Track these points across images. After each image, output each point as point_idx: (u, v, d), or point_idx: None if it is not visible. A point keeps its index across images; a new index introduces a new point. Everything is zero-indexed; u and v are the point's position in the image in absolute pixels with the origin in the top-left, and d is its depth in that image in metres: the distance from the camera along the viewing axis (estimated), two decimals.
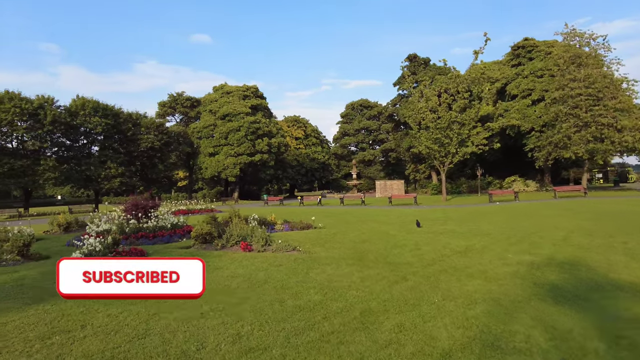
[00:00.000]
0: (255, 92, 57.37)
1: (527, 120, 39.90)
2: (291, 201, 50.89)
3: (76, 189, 50.03)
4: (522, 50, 45.20)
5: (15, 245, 10.57)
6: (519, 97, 42.38)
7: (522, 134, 41.33)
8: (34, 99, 38.90)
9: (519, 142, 43.34)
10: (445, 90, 33.86)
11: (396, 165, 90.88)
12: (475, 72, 35.59)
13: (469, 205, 28.97)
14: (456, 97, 33.30)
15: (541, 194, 38.03)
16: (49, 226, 17.94)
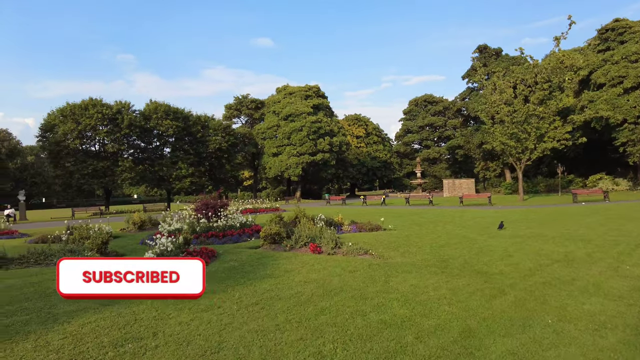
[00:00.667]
0: (317, 91, 57.36)
1: (618, 111, 35.75)
2: (353, 200, 50.17)
3: (150, 188, 53.17)
4: (611, 33, 40.61)
5: (94, 243, 10.88)
6: (607, 85, 38.13)
7: (611, 127, 37.13)
8: (113, 104, 41.77)
9: (605, 136, 39.06)
10: (522, 81, 31.17)
11: (463, 163, 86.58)
12: (554, 61, 32.44)
13: (550, 205, 26.39)
14: (534, 88, 30.53)
15: (636, 193, 33.84)
16: (125, 224, 18.76)
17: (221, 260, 9.90)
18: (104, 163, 40.16)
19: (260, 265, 9.08)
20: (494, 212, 23.02)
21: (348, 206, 37.91)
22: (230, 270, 8.66)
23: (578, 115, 36.16)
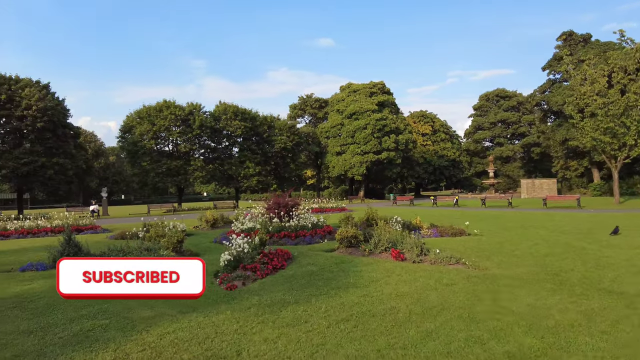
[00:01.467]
0: (382, 88, 55.83)
1: None
2: (421, 201, 48.13)
3: (219, 186, 54.98)
4: None
5: (170, 242, 10.76)
6: None
7: None
8: (185, 106, 43.50)
9: None
10: (620, 69, 27.61)
11: (539, 161, 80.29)
12: None
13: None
14: (636, 76, 26.89)
15: None
16: (198, 222, 19.00)
17: (298, 263, 9.26)
18: (177, 162, 41.99)
19: (341, 272, 8.29)
20: (588, 216, 20.48)
21: (417, 207, 36.22)
22: (309, 276, 7.96)
23: None
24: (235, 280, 7.67)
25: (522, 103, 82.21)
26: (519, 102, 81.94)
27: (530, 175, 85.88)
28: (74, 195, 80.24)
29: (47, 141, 36.62)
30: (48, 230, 18.07)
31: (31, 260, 10.28)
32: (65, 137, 38.86)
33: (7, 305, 6.47)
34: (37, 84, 38.21)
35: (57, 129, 37.41)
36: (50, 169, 36.06)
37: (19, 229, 17.77)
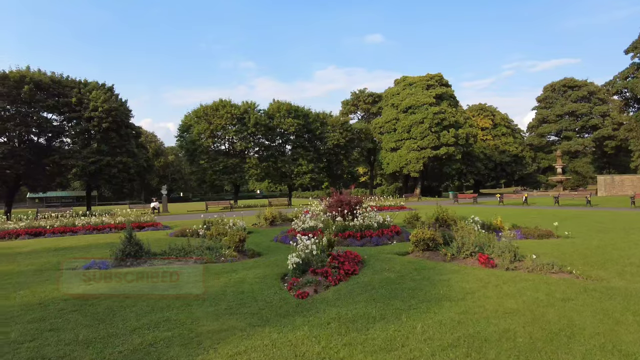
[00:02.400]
0: (440, 80, 53.23)
1: None
2: (484, 199, 45.25)
3: (272, 184, 55.32)
4: None
5: (232, 241, 10.17)
6: None
7: None
8: (240, 105, 43.90)
9: None
10: None
11: (614, 156, 73.55)
12: None
13: None
14: None
15: None
16: (256, 219, 18.54)
17: (371, 268, 8.24)
18: (233, 160, 42.54)
19: (425, 281, 7.17)
20: None
21: (481, 205, 33.87)
22: (389, 285, 6.92)
23: None
24: (305, 286, 6.81)
25: (594, 93, 75.55)
26: (590, 92, 75.40)
27: (601, 172, 78.82)
28: (136, 192, 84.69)
29: (112, 141, 38.31)
30: (111, 227, 18.42)
31: (95, 258, 10.09)
32: (128, 137, 40.49)
33: (68, 308, 6.04)
34: (103, 86, 40.12)
35: (120, 129, 39.05)
36: (114, 167, 37.69)
37: (85, 225, 18.27)
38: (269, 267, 8.51)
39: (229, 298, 6.33)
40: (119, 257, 9.29)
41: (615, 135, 69.65)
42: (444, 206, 16.29)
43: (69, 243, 14.36)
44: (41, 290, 7.16)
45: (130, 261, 9.27)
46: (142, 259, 9.47)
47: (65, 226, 18.09)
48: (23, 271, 9.13)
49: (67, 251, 12.14)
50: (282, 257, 9.64)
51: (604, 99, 75.46)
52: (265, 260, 9.49)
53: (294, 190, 60.68)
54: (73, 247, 13.18)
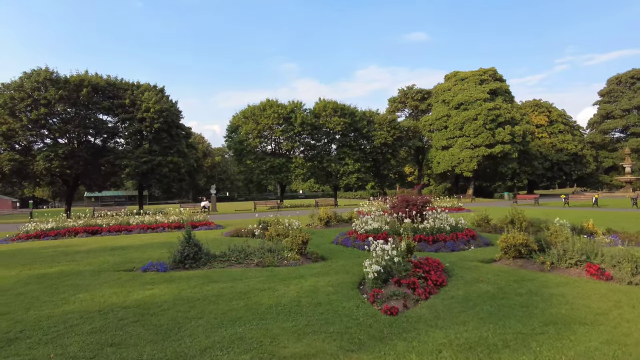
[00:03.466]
0: (494, 74, 50.43)
1: None
2: (545, 200, 42.14)
3: (315, 184, 54.55)
4: None
5: (295, 243, 9.36)
6: None
7: None
8: (287, 104, 43.52)
9: None
10: None
11: None
12: None
13: None
14: None
15: None
16: (309, 219, 17.75)
17: (459, 278, 7.12)
18: (280, 160, 42.23)
19: (534, 296, 5.97)
20: None
21: (545, 207, 31.35)
22: (491, 300, 5.79)
23: None
24: (391, 299, 5.83)
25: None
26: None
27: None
28: (185, 192, 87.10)
29: (163, 141, 39.07)
30: (165, 226, 18.28)
31: (152, 259, 9.63)
32: (179, 137, 41.20)
33: (129, 317, 5.40)
34: (154, 88, 41.07)
35: (171, 129, 39.77)
36: (165, 167, 38.39)
37: (140, 224, 18.23)
38: (339, 274, 7.59)
39: (306, 311, 5.46)
40: (177, 259, 8.73)
41: None
42: (518, 208, 14.75)
43: (125, 242, 14.20)
44: (100, 295, 6.65)
45: (189, 263, 8.68)
46: (201, 260, 8.86)
47: (120, 225, 18.15)
48: (82, 271, 8.77)
49: (123, 250, 11.86)
50: (349, 263, 8.72)
51: None
52: (333, 265, 8.59)
53: (338, 190, 59.67)
54: (129, 246, 12.94)
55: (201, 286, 6.94)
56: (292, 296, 6.17)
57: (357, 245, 10.97)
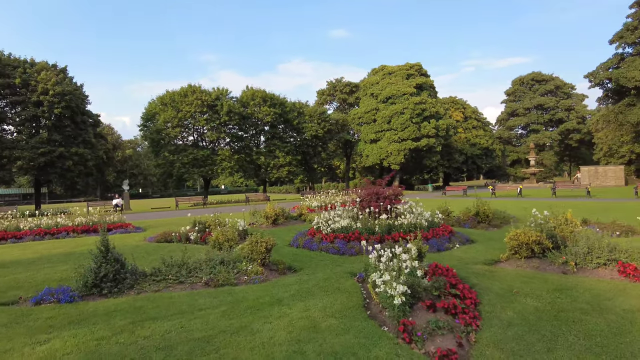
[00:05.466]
0: (420, 69, 51.41)
1: None
2: (473, 192, 43.63)
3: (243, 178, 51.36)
4: None
5: (256, 251, 7.15)
6: None
7: None
8: (212, 91, 39.96)
9: None
10: None
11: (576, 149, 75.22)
12: None
13: None
14: None
15: None
16: (252, 217, 15.38)
17: (486, 291, 5.51)
18: (204, 152, 38.51)
19: (610, 314, 4.53)
20: None
21: (474, 198, 32.11)
22: (565, 325, 4.24)
23: None
24: (435, 335, 4.02)
25: (559, 87, 77.04)
26: (556, 86, 76.77)
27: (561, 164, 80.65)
28: (91, 189, 77.92)
29: (65, 129, 33.48)
30: (69, 230, 14.65)
31: (50, 281, 6.81)
32: (85, 125, 35.70)
33: None
34: (54, 67, 35.06)
35: (75, 116, 34.24)
36: (69, 160, 32.96)
37: (34, 229, 14.37)
38: (329, 294, 5.60)
39: None
40: (89, 282, 6.06)
41: (579, 129, 71.23)
42: (483, 199, 13.96)
43: (10, 255, 10.63)
44: None
45: (109, 287, 6.06)
46: (125, 282, 6.28)
47: (6, 230, 14.12)
48: None
49: (5, 269, 8.56)
50: (330, 274, 6.77)
51: (569, 93, 77.31)
52: (310, 279, 6.56)
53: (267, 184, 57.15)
54: (16, 261, 9.53)
55: (132, 330, 4.49)
56: (283, 340, 4.05)
57: (325, 248, 9.05)
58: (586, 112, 74.85)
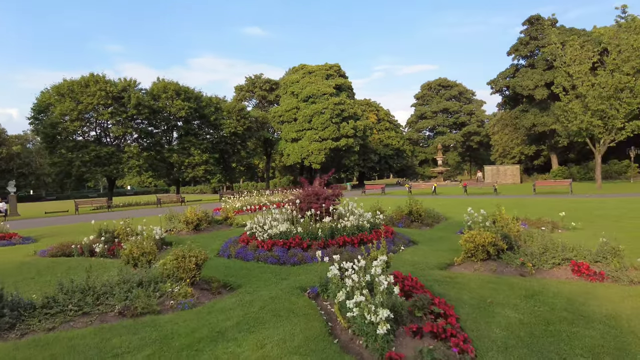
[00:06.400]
0: (338, 70, 51.89)
1: None
2: (391, 189, 45.07)
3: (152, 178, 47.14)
4: None
5: (185, 269, 5.88)
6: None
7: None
8: (118, 82, 36.07)
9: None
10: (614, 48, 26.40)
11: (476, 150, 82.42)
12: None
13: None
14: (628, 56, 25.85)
15: None
16: (169, 223, 13.62)
17: (458, 303, 4.96)
18: (108, 149, 34.43)
19: (599, 324, 4.19)
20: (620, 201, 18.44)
21: (392, 196, 33.03)
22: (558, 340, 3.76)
23: None
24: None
25: (462, 93, 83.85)
26: (460, 92, 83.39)
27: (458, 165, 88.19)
28: None
29: None
30: None
31: None
32: None
33: None
34: None
35: None
36: None
37: None
38: (282, 320, 4.61)
39: None
40: None
41: (479, 132, 77.97)
42: (415, 197, 13.88)
43: None
44: None
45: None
46: (3, 320, 4.65)
47: None
48: None
49: None
50: (277, 292, 5.78)
51: (470, 98, 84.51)
52: (254, 299, 5.50)
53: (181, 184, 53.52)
54: None
55: None
56: None
57: (263, 257, 7.99)
58: (485, 117, 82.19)
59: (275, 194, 27.78)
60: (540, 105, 40.46)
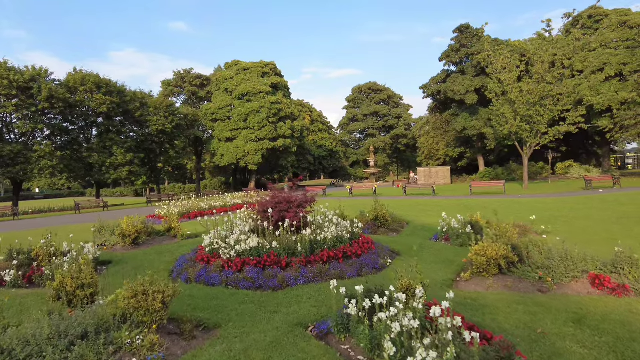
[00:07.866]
0: (274, 69, 50.37)
1: (602, 98, 34.73)
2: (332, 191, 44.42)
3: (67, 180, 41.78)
4: (588, 21, 40.12)
5: (149, 309, 4.37)
6: (586, 72, 37.20)
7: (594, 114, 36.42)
8: (25, 70, 31.33)
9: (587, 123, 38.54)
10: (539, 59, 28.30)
11: (403, 152, 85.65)
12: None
13: (569, 194, 23.58)
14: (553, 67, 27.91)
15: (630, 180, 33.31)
16: (99, 236, 11.43)
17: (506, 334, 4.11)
18: (13, 147, 29.59)
19: None
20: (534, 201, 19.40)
21: (333, 198, 32.47)
22: None
23: (596, 97, 34.24)
24: None
25: (391, 97, 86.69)
26: (389, 96, 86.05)
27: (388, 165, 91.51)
28: None
29: None
30: None
31: None
32: None
33: None
34: None
35: None
36: None
37: None
38: None
39: None
40: None
41: (406, 135, 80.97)
42: (381, 200, 13.15)
43: None
44: None
45: None
46: None
47: None
48: None
49: None
50: (271, 332, 4.52)
51: (398, 102, 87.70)
52: (249, 347, 4.19)
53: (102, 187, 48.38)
54: None
55: None
56: None
57: (233, 280, 6.60)
58: (411, 120, 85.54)
59: (216, 197, 25.70)
60: (470, 109, 42.61)
